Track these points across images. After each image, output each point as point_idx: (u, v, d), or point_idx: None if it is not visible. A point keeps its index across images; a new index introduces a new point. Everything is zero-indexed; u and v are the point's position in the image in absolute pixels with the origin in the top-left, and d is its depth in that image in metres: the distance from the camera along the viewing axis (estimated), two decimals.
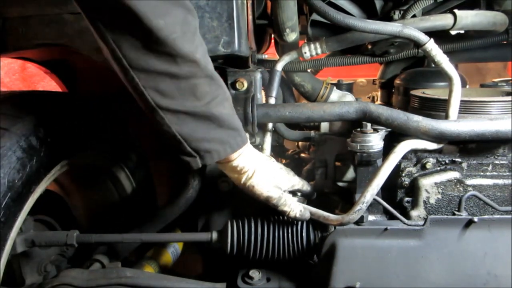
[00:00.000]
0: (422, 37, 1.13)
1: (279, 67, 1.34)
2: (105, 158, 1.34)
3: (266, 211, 1.14)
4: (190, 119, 0.87)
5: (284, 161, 1.82)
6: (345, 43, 1.33)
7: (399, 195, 1.16)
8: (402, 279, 0.99)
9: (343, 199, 1.24)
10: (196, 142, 0.89)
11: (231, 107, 0.96)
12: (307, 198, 1.18)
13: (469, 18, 1.27)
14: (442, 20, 1.27)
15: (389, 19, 1.35)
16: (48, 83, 2.61)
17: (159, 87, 0.82)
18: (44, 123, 1.05)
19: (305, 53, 1.34)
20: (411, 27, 1.14)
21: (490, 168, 1.12)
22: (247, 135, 1.20)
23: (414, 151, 1.12)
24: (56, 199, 1.38)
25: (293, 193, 1.13)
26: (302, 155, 1.60)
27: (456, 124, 1.04)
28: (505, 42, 1.50)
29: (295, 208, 1.04)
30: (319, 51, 1.34)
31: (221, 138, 0.92)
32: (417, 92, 1.26)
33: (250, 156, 1.00)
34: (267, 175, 1.02)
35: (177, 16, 0.79)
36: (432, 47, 1.12)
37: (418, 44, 1.14)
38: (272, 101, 1.29)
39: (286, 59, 1.36)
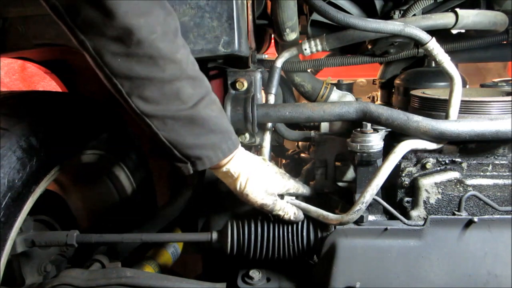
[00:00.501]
0: (424, 36, 1.12)
1: (279, 63, 1.34)
2: (105, 158, 1.34)
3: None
4: (177, 124, 0.85)
5: (284, 161, 1.82)
6: (346, 40, 1.32)
7: (399, 195, 1.16)
8: (402, 279, 0.99)
9: (343, 199, 1.24)
10: (186, 148, 0.88)
11: (220, 110, 0.93)
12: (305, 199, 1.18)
13: (470, 17, 1.27)
14: (444, 19, 1.27)
15: (389, 19, 1.35)
16: (48, 83, 2.61)
17: (143, 93, 0.80)
18: (44, 123, 1.05)
19: (305, 49, 1.34)
20: (412, 26, 1.14)
21: (490, 168, 1.12)
22: (247, 135, 1.20)
23: (414, 151, 1.12)
24: (56, 199, 1.38)
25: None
26: (302, 155, 1.61)
27: (456, 124, 1.04)
28: (505, 42, 1.50)
29: (289, 211, 1.04)
30: (319, 48, 1.34)
31: (212, 143, 0.90)
32: (417, 92, 1.26)
33: (243, 160, 0.98)
34: (260, 181, 1.00)
35: (158, 16, 0.77)
36: (434, 46, 1.12)
37: (419, 43, 1.14)
38: (271, 97, 1.28)
39: (286, 55, 1.36)
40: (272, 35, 1.60)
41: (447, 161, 1.13)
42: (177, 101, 0.83)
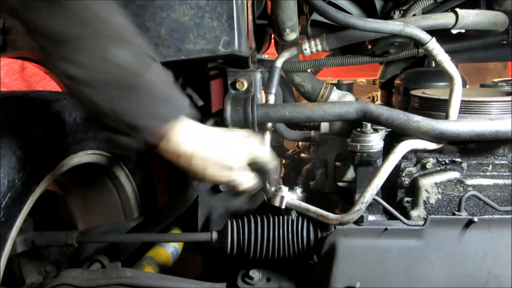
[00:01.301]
0: (424, 36, 1.12)
1: (279, 63, 1.34)
2: (105, 158, 1.34)
3: (266, 211, 1.14)
4: (114, 91, 0.76)
5: (284, 161, 1.82)
6: (346, 40, 1.32)
7: (399, 195, 1.16)
8: (402, 279, 0.99)
9: (343, 199, 1.24)
10: (125, 117, 0.78)
11: (165, 78, 0.84)
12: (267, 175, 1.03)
13: (470, 17, 1.27)
14: (444, 19, 1.27)
15: (389, 19, 1.35)
16: (48, 83, 2.61)
17: (73, 56, 0.73)
18: (45, 123, 1.05)
19: (305, 49, 1.33)
20: (412, 26, 1.14)
21: (490, 168, 1.12)
22: None
23: (414, 151, 1.12)
24: (56, 199, 1.38)
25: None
26: (302, 155, 1.61)
27: (456, 124, 1.04)
28: (505, 42, 1.50)
29: (249, 183, 0.95)
30: (319, 47, 1.33)
31: (153, 111, 0.80)
32: (417, 92, 1.26)
33: (189, 131, 0.85)
34: (213, 155, 0.87)
35: None
36: (434, 46, 1.12)
37: (419, 43, 1.14)
38: (271, 97, 1.28)
39: (286, 55, 1.35)
40: (272, 35, 1.60)
41: (447, 161, 1.13)
42: (113, 66, 0.75)
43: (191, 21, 1.05)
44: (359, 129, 1.12)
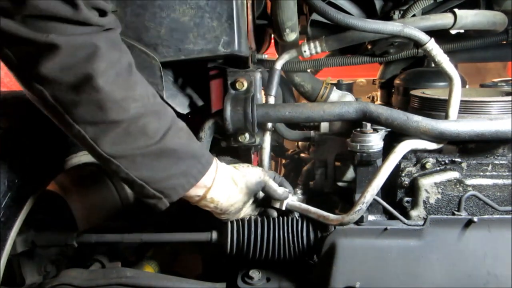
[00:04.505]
0: (423, 37, 1.13)
1: (279, 65, 1.34)
2: None
3: (266, 210, 1.14)
4: (147, 160, 0.82)
5: (284, 161, 1.82)
6: (345, 41, 1.33)
7: (399, 195, 1.16)
8: (402, 279, 0.99)
9: (343, 199, 1.24)
10: (158, 182, 0.84)
11: (188, 135, 0.91)
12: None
13: (469, 17, 1.27)
14: (443, 19, 1.27)
15: (389, 19, 1.35)
16: None
17: (109, 136, 0.78)
18: (44, 123, 1.04)
19: (305, 51, 1.34)
20: (411, 27, 1.14)
21: (490, 168, 1.12)
22: (247, 135, 1.20)
23: (414, 151, 1.12)
24: (56, 199, 1.38)
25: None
26: (302, 155, 1.61)
27: (456, 124, 1.04)
28: (504, 42, 1.50)
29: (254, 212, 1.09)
30: (318, 49, 1.34)
31: (183, 171, 0.86)
32: (417, 92, 1.26)
33: (222, 184, 0.96)
34: (235, 204, 1.01)
35: (112, 57, 0.75)
36: (433, 47, 1.12)
37: (418, 44, 1.14)
38: (271, 99, 1.29)
39: (285, 57, 1.36)
40: (272, 35, 1.60)
41: (447, 161, 1.13)
42: (144, 138, 0.81)
43: (191, 21, 1.05)
44: (359, 129, 1.12)
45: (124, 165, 0.81)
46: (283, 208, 1.08)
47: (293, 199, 1.10)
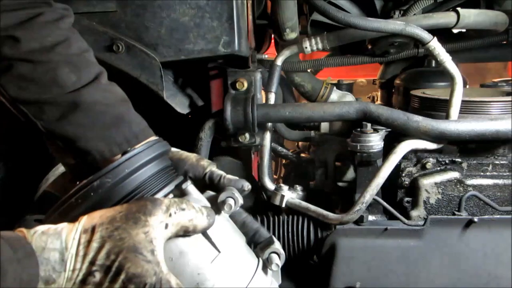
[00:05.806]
0: (425, 36, 1.12)
1: (279, 61, 1.33)
2: None
3: (266, 211, 1.14)
4: (58, 111, 0.73)
5: (284, 161, 1.82)
6: (346, 39, 1.32)
7: (399, 195, 1.16)
8: (402, 279, 0.99)
9: (343, 199, 1.24)
10: (73, 141, 0.74)
11: (119, 99, 0.79)
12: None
13: (471, 17, 1.27)
14: (446, 18, 1.26)
15: (389, 19, 1.34)
16: None
17: (13, 77, 0.71)
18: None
19: (306, 47, 1.33)
20: (413, 25, 1.14)
21: (490, 168, 1.12)
22: (247, 135, 1.20)
23: (414, 151, 1.12)
24: (56, 199, 1.38)
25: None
26: (302, 155, 1.60)
27: (456, 124, 1.04)
28: (505, 42, 1.50)
29: None
30: (320, 46, 1.33)
31: (104, 135, 0.74)
32: (417, 92, 1.26)
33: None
34: None
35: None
36: (435, 46, 1.12)
37: (421, 43, 1.14)
38: (271, 96, 1.28)
39: (286, 53, 1.35)
40: (272, 35, 1.60)
41: (447, 161, 1.12)
42: (54, 86, 0.72)
43: (191, 21, 1.05)
44: (359, 129, 1.12)
45: (32, 113, 0.73)
46: (283, 205, 1.08)
47: (292, 196, 1.10)
